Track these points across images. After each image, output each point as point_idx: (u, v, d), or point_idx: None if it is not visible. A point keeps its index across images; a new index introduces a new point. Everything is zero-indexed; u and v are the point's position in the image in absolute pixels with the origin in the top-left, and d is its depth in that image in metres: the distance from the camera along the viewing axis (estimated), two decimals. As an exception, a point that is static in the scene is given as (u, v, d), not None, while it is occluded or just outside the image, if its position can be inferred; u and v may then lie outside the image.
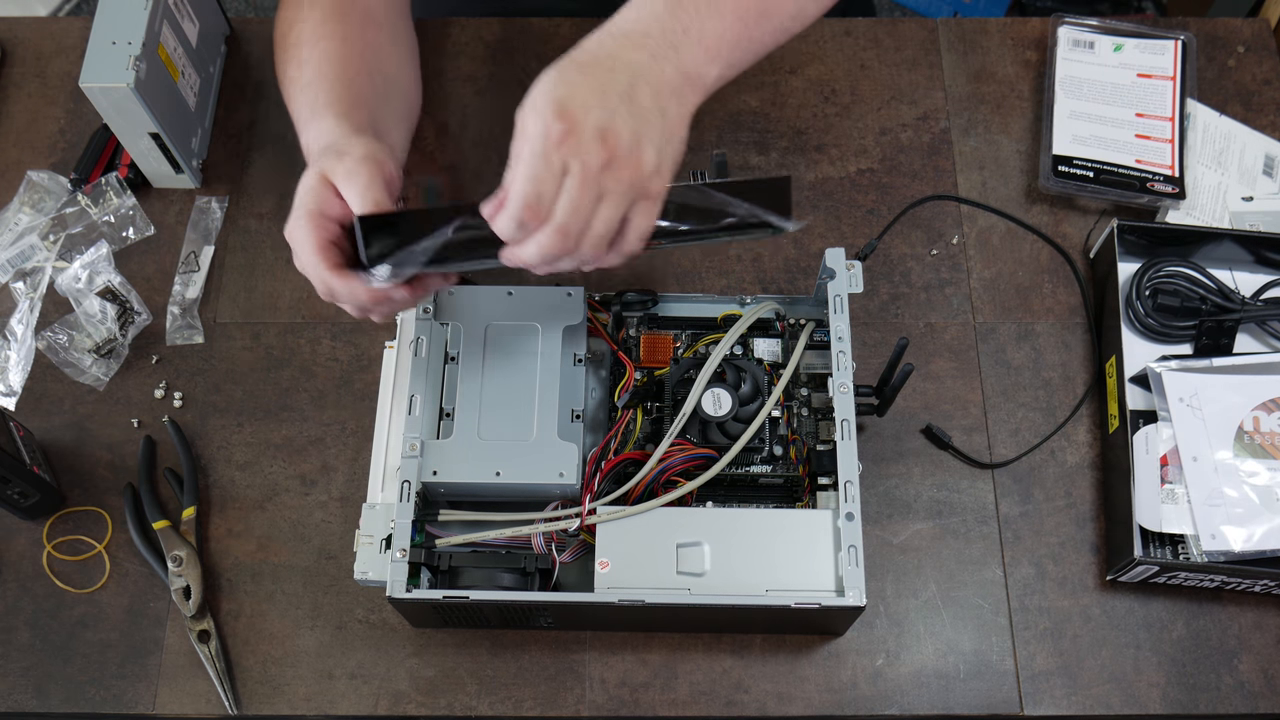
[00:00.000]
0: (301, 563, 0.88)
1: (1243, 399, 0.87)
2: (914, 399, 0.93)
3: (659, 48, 0.69)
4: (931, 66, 1.06)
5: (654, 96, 0.67)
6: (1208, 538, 0.82)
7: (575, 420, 0.83)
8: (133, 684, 0.85)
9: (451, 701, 0.84)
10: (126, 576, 0.88)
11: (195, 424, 0.93)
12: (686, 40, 0.70)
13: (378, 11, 0.92)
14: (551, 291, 0.85)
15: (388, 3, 0.94)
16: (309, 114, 0.83)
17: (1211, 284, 0.92)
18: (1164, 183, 0.97)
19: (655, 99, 0.67)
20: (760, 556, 0.77)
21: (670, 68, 0.69)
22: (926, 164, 1.02)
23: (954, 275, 0.98)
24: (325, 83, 0.85)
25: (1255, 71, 1.06)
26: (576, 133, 0.63)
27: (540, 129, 0.63)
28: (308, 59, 0.86)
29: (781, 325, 0.88)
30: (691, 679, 0.85)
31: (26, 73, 1.07)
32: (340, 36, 0.88)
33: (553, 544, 0.80)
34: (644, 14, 0.71)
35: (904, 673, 0.85)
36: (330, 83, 0.85)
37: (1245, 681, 0.84)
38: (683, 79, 0.70)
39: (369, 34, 0.90)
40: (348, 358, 0.95)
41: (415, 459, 0.79)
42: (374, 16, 0.92)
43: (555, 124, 0.63)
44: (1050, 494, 0.90)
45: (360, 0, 0.91)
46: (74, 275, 0.94)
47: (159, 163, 0.97)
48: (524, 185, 0.64)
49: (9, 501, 0.85)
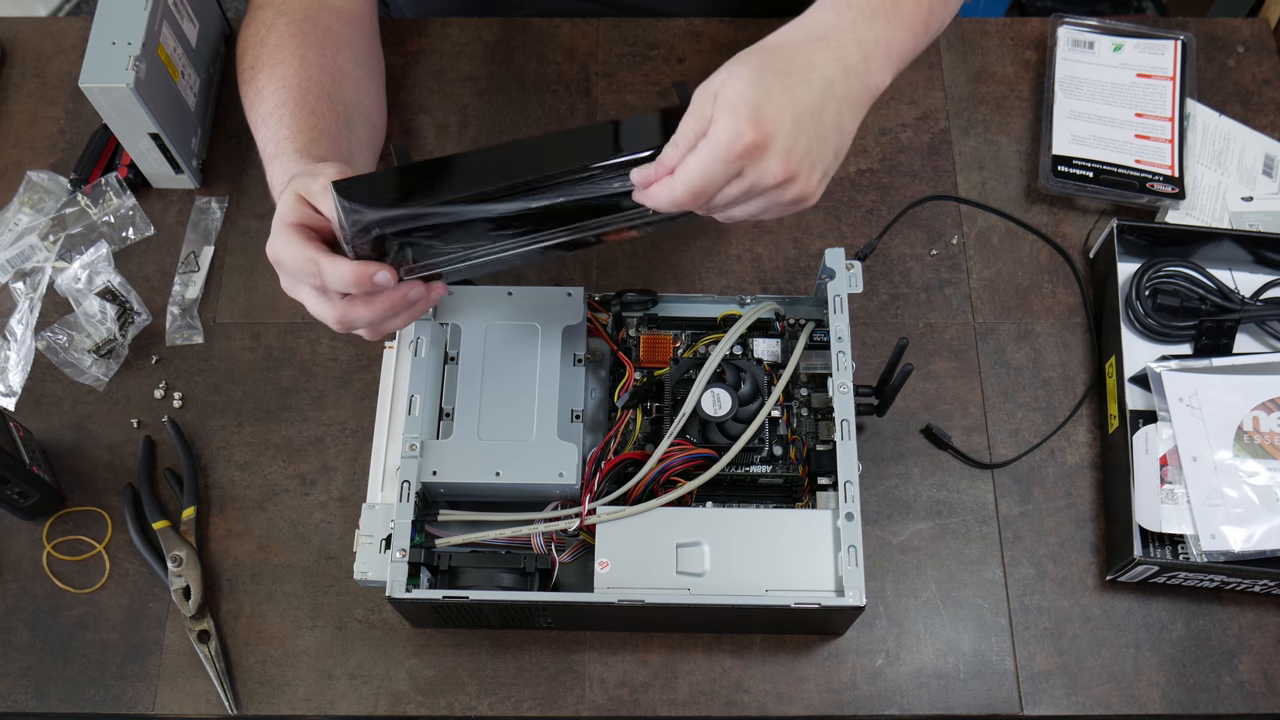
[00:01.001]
0: (301, 563, 0.88)
1: (1242, 399, 0.87)
2: (914, 399, 0.93)
3: (853, 59, 0.68)
4: (931, 66, 1.06)
5: (838, 113, 0.67)
6: (1207, 538, 0.82)
7: (575, 420, 0.83)
8: (132, 684, 0.85)
9: (451, 701, 0.84)
10: (126, 577, 0.88)
11: (195, 424, 0.93)
12: (876, 52, 0.70)
13: (339, 30, 0.89)
14: (551, 291, 0.85)
15: (350, 19, 0.91)
16: (273, 150, 0.81)
17: (1211, 284, 0.92)
18: (1164, 183, 0.97)
19: (838, 115, 0.67)
20: (760, 556, 0.77)
21: (859, 83, 0.69)
22: (926, 164, 1.02)
23: (954, 275, 0.98)
24: (285, 114, 0.82)
25: (1255, 71, 1.06)
26: (763, 147, 0.63)
27: (731, 133, 0.63)
28: (265, 86, 0.84)
29: (781, 325, 0.88)
30: (691, 679, 0.85)
31: (26, 73, 1.07)
32: (298, 60, 0.85)
33: (552, 544, 0.80)
34: (840, 19, 0.70)
35: (904, 673, 0.85)
36: (291, 114, 0.82)
37: (1245, 681, 0.84)
38: (867, 94, 0.70)
39: (327, 56, 0.87)
40: (347, 358, 0.95)
41: (415, 459, 0.79)
42: (335, 36, 0.89)
43: (747, 132, 0.63)
44: (1050, 494, 0.90)
45: (321, 19, 0.88)
46: (74, 275, 0.94)
47: (159, 163, 0.97)
48: (698, 178, 0.64)
49: (9, 501, 0.85)
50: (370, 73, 0.93)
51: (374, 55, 0.95)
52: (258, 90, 0.85)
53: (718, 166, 0.63)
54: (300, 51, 0.86)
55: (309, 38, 0.87)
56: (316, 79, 0.85)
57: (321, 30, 0.88)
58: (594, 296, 0.88)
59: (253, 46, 0.87)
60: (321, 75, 0.86)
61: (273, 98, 0.83)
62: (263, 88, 0.85)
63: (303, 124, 0.81)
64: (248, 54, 0.88)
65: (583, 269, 0.98)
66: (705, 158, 0.63)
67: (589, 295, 0.87)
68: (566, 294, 0.85)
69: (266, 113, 0.83)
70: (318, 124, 0.82)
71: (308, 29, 0.87)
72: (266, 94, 0.84)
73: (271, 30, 0.87)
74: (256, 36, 0.88)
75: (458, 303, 0.85)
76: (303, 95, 0.83)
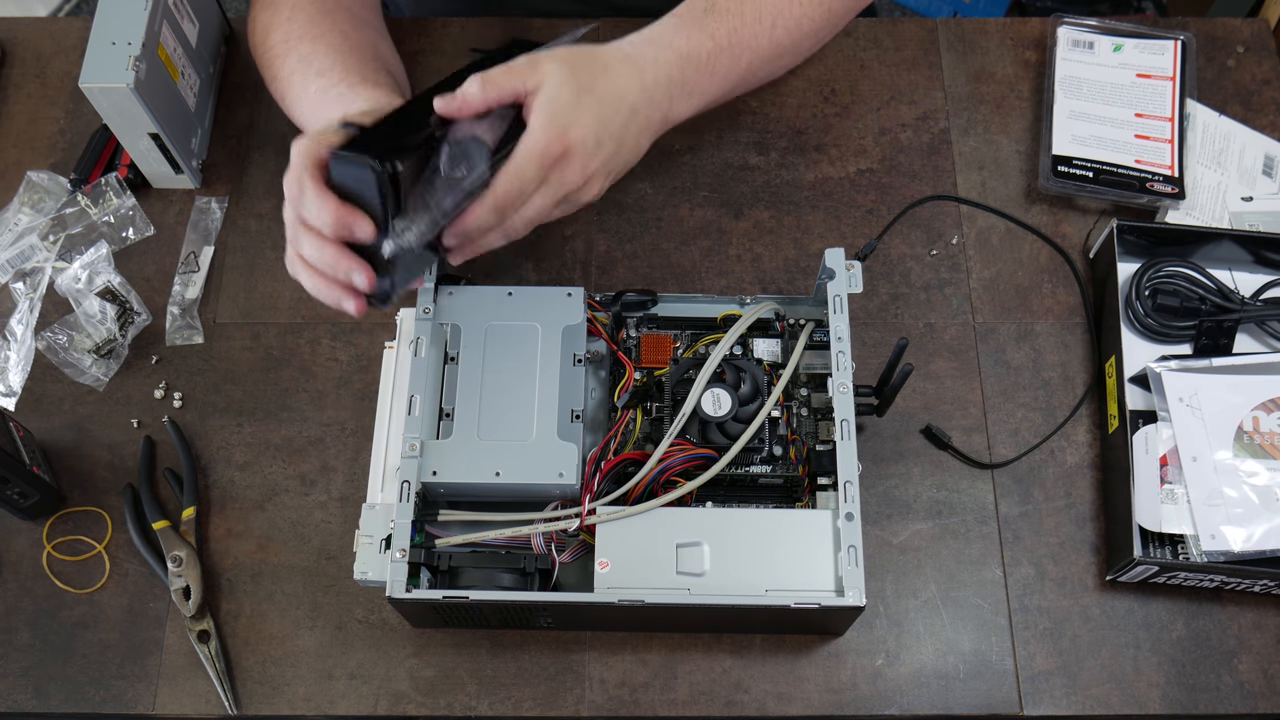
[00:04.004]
0: (301, 563, 0.88)
1: (1242, 399, 0.87)
2: (914, 399, 0.93)
3: (661, 97, 0.80)
4: (931, 66, 1.06)
5: (638, 136, 0.79)
6: (1207, 538, 0.82)
7: (575, 420, 0.83)
8: (133, 684, 0.85)
9: (451, 701, 0.84)
10: (126, 577, 0.88)
11: (195, 424, 0.93)
12: (683, 94, 0.82)
13: (360, 11, 0.93)
14: (551, 292, 0.85)
15: (366, 3, 0.94)
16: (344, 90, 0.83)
17: (1211, 284, 0.92)
18: (1163, 183, 0.97)
19: (638, 138, 0.79)
20: (760, 556, 0.77)
21: (660, 115, 0.81)
22: (926, 164, 1.02)
23: (954, 275, 0.98)
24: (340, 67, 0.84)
25: (1255, 71, 1.06)
26: (568, 159, 0.74)
27: (543, 145, 0.73)
28: (312, 52, 0.86)
29: (781, 325, 0.88)
30: (691, 679, 0.85)
31: (26, 73, 1.07)
32: (339, 31, 0.88)
33: (552, 544, 0.80)
34: (661, 58, 0.80)
35: (904, 673, 0.85)
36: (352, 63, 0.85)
37: (1245, 681, 0.84)
38: (665, 124, 0.82)
39: (364, 32, 0.90)
40: (347, 358, 0.95)
41: (415, 459, 0.79)
42: (356, 16, 0.92)
43: (556, 145, 0.73)
44: (1050, 494, 0.90)
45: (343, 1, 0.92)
46: (74, 275, 0.94)
47: (159, 163, 0.97)
48: (512, 183, 0.73)
49: (9, 501, 0.85)
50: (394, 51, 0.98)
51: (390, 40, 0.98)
52: (303, 56, 0.87)
53: (530, 170, 0.73)
54: (340, 26, 0.89)
55: (338, 15, 0.90)
56: (359, 45, 0.88)
57: (345, 11, 0.91)
58: (594, 296, 0.88)
59: (279, 25, 0.89)
60: (362, 42, 0.89)
61: (324, 57, 0.86)
62: (309, 54, 0.87)
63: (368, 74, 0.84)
64: (273, 33, 0.89)
65: (583, 269, 0.98)
66: (521, 164, 0.73)
67: (589, 295, 0.87)
68: (566, 294, 0.85)
69: (324, 67, 0.85)
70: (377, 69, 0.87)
71: (332, 8, 0.90)
72: (317, 57, 0.86)
73: (297, 10, 0.89)
74: (280, 16, 0.89)
75: (458, 303, 0.85)
76: (352, 52, 0.86)
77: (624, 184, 1.01)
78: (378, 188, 0.68)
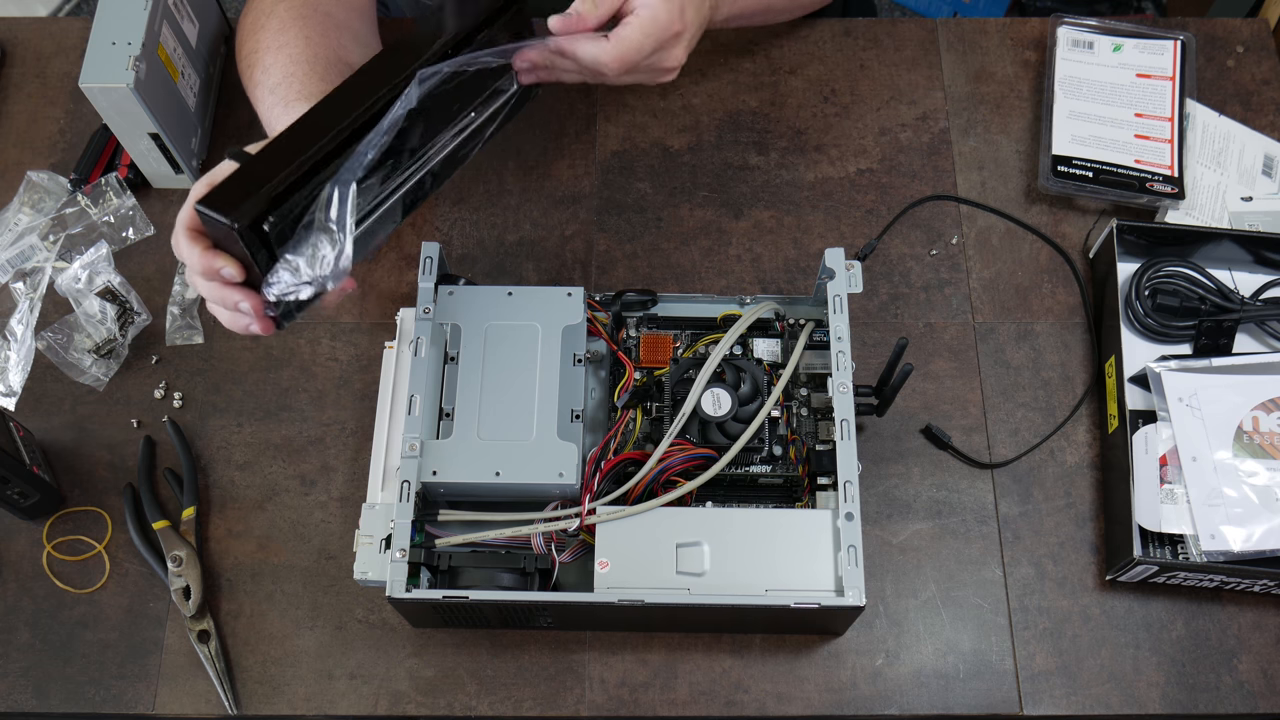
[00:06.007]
0: (301, 563, 0.88)
1: (1242, 399, 0.87)
2: (914, 399, 0.93)
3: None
4: (931, 67, 1.07)
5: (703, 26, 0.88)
6: (1207, 538, 0.82)
7: (575, 420, 0.83)
8: (132, 684, 0.85)
9: (451, 701, 0.84)
10: (126, 577, 0.88)
11: (195, 424, 0.93)
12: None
13: (337, 14, 0.92)
14: (551, 291, 0.85)
15: (349, 6, 0.94)
16: (281, 110, 0.83)
17: (1211, 284, 0.92)
18: (1163, 183, 0.97)
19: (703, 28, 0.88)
20: (760, 556, 0.77)
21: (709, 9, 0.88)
22: (926, 164, 1.02)
23: (953, 275, 0.98)
24: (295, 82, 0.85)
25: (1254, 72, 1.06)
26: (679, 36, 0.83)
27: (666, 22, 0.81)
28: (272, 64, 0.86)
29: (781, 325, 0.88)
30: (691, 679, 0.85)
31: (26, 73, 1.07)
32: (303, 39, 0.88)
33: (552, 544, 0.80)
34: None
35: (903, 673, 0.85)
36: (301, 80, 0.85)
37: (1245, 681, 0.84)
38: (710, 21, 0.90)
39: (331, 37, 0.89)
40: (347, 358, 0.95)
41: (415, 459, 0.79)
42: (334, 19, 0.91)
43: (677, 23, 0.82)
44: (1050, 494, 0.90)
45: (320, 5, 0.91)
46: (74, 275, 0.94)
47: (159, 163, 0.97)
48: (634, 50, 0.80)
49: (9, 501, 0.85)
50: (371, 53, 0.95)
51: (372, 38, 0.97)
52: (265, 68, 0.87)
53: (649, 43, 0.80)
54: (305, 33, 0.88)
55: (310, 21, 0.89)
56: (323, 55, 0.88)
57: (321, 15, 0.90)
58: (594, 296, 0.88)
59: (254, 32, 0.89)
60: (327, 52, 0.88)
61: (280, 70, 0.86)
62: (270, 65, 0.87)
63: (314, 89, 0.84)
64: (248, 40, 0.89)
65: (583, 269, 0.98)
66: (643, 35, 0.80)
67: (589, 295, 0.87)
68: (566, 294, 0.85)
69: (275, 83, 0.86)
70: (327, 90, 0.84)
71: (308, 14, 0.90)
72: (275, 69, 0.86)
73: (272, 16, 0.89)
74: (257, 23, 0.90)
75: (458, 303, 0.85)
76: (311, 67, 0.86)
77: (624, 184, 1.01)
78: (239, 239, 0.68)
